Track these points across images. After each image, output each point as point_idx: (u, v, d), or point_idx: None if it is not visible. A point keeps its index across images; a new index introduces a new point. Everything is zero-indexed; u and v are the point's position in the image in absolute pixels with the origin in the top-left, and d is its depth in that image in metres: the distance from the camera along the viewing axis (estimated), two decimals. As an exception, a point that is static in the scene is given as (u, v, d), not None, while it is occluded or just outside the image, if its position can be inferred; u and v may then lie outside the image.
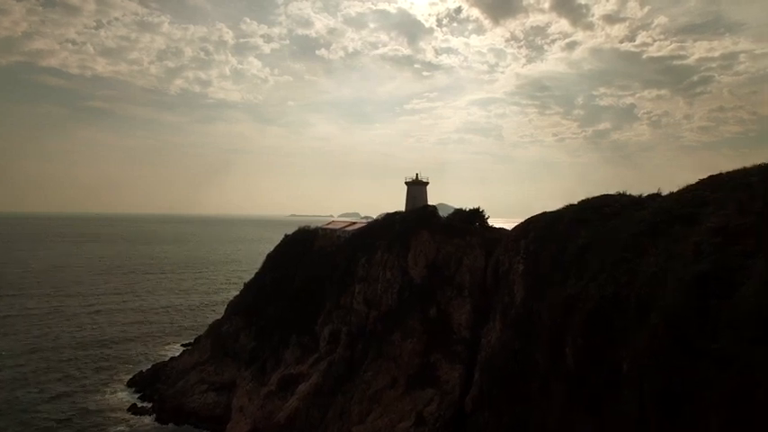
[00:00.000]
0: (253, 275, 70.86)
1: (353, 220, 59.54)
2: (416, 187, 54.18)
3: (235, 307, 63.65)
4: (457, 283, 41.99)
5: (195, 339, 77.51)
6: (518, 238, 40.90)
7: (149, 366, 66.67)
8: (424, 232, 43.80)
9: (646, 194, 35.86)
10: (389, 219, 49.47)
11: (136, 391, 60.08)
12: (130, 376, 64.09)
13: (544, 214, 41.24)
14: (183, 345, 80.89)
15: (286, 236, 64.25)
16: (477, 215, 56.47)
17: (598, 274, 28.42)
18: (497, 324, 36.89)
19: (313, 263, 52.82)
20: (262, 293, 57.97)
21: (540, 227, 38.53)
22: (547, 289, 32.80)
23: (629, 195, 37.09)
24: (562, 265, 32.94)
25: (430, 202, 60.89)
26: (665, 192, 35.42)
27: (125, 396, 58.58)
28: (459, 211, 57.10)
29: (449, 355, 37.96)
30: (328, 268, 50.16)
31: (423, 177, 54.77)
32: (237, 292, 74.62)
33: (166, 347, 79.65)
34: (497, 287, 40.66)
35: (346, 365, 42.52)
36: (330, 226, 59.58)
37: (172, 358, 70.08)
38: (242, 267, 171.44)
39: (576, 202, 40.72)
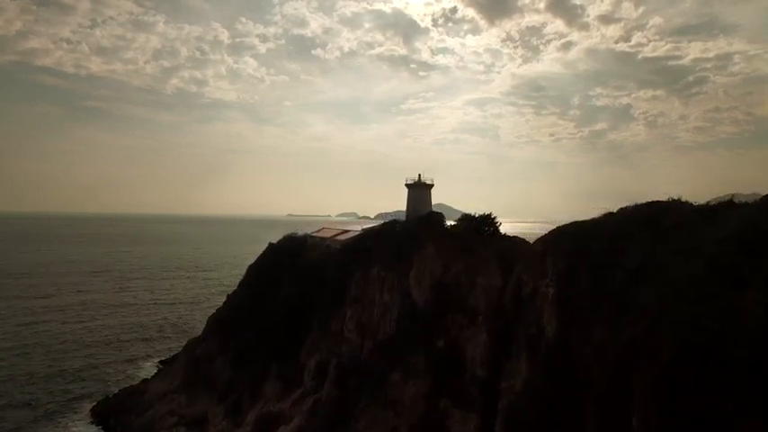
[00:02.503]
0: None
1: (346, 228, 52.14)
2: (419, 190, 46.61)
3: (213, 324, 56.26)
4: (469, 307, 34.61)
5: (173, 357, 70.14)
6: (544, 254, 33.54)
7: (118, 390, 59.31)
8: (429, 245, 36.44)
9: (714, 201, 28.48)
10: (388, 227, 42.08)
11: (99, 422, 52.69)
12: (95, 402, 56.70)
13: (576, 225, 33.87)
14: (161, 362, 73.67)
15: (270, 244, 56.84)
16: (488, 222, 49.21)
17: (669, 312, 21.12)
18: (523, 364, 29.58)
19: (299, 278, 45.40)
20: (241, 311, 50.55)
21: (572, 241, 31.11)
22: (591, 325, 25.49)
23: (688, 203, 29.75)
24: (609, 294, 25.59)
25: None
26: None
27: (85, 428, 51.21)
28: (467, 218, 49.82)
29: (461, 400, 30.58)
30: (316, 285, 42.76)
31: (426, 179, 47.25)
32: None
33: (143, 365, 72.29)
34: (519, 314, 33.37)
35: (335, 406, 35.13)
36: (320, 233, 52.30)
37: (144, 380, 62.75)
38: (236, 272, 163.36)
39: (614, 210, 33.48)
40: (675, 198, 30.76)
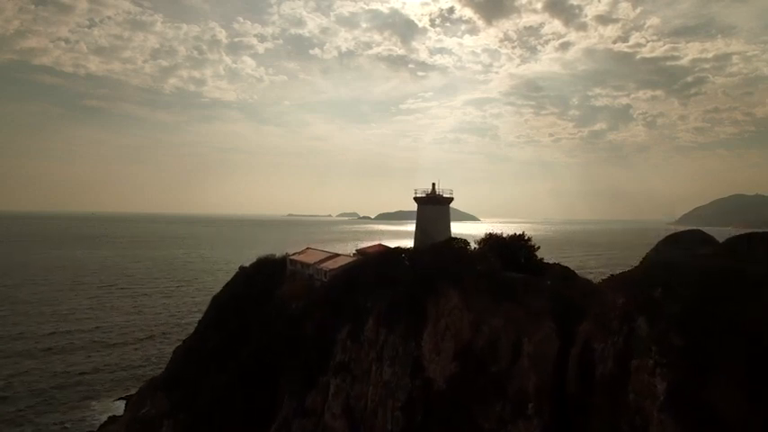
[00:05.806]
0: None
1: (337, 252, 40.18)
2: (434, 208, 34.12)
3: (167, 371, 44.40)
4: (513, 389, 22.73)
5: (129, 399, 58.13)
6: (631, 309, 21.66)
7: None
8: (451, 291, 24.53)
9: None
10: (391, 259, 30.10)
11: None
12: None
13: (681, 266, 21.89)
14: (123, 398, 61.75)
15: (242, 269, 44.90)
16: (521, 245, 37.27)
17: None
18: None
19: (270, 326, 33.47)
20: (198, 361, 38.63)
21: (691, 294, 19.13)
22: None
23: None
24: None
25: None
26: None
27: None
28: (491, 238, 37.85)
29: None
30: (291, 339, 30.83)
31: (443, 190, 34.70)
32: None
33: (95, 406, 59.92)
34: (593, 405, 21.66)
35: None
36: (302, 257, 40.40)
37: (89, 434, 51.02)
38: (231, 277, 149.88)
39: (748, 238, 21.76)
40: None
